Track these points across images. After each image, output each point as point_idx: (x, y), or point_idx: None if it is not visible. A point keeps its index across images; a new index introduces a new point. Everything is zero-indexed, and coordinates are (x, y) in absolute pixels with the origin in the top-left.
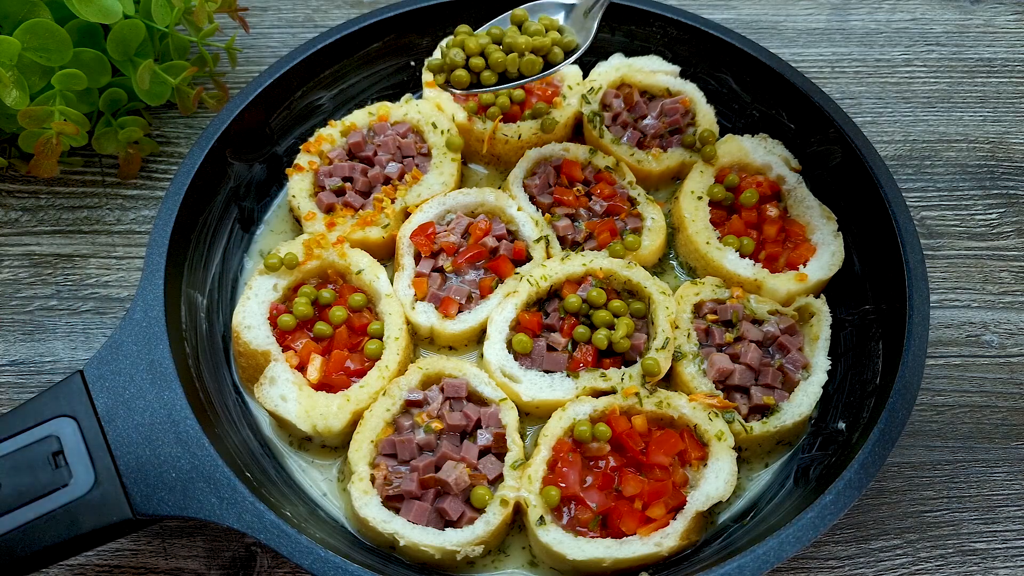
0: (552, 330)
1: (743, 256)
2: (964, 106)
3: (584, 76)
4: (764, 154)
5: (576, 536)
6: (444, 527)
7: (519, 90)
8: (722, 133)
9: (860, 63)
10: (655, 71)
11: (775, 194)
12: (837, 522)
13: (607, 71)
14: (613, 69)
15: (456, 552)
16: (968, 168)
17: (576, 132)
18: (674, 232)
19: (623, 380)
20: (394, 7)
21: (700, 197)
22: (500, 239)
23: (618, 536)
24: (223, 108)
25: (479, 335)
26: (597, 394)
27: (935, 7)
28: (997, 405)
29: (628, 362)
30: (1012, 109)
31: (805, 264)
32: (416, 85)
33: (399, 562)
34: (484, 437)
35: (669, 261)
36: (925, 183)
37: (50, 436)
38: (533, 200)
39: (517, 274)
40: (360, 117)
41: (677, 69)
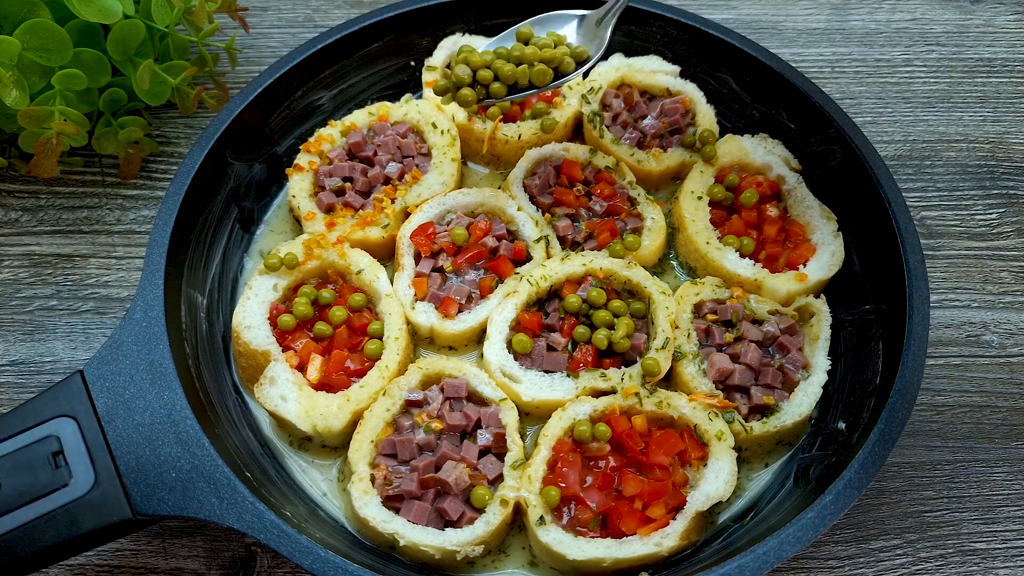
0: (552, 330)
1: (743, 256)
2: (964, 106)
3: (584, 76)
4: (764, 154)
5: (576, 536)
6: (444, 527)
7: None
8: (722, 133)
9: (860, 63)
10: (655, 71)
11: (775, 194)
12: (837, 522)
13: (607, 71)
14: (613, 69)
15: (456, 552)
16: (968, 168)
17: (576, 132)
18: (674, 232)
19: (623, 380)
20: (394, 7)
21: (700, 197)
22: (500, 239)
23: (618, 536)
24: (223, 108)
25: (479, 335)
26: (597, 394)
27: (935, 7)
28: (997, 405)
29: (628, 362)
30: (1012, 109)
31: (805, 264)
32: (416, 85)
33: (399, 562)
34: (484, 437)
35: (669, 261)
36: (925, 183)
37: (50, 436)
38: (533, 200)
39: (517, 274)
40: (360, 117)
41: (677, 69)
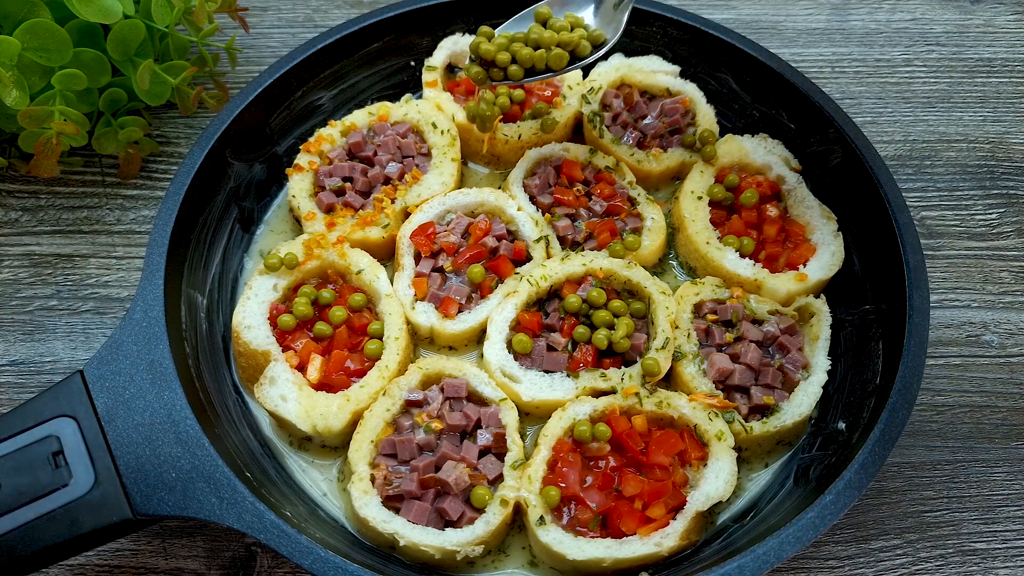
0: (552, 330)
1: (743, 256)
2: (964, 106)
3: (584, 76)
4: (764, 154)
5: (576, 536)
6: (444, 527)
7: (519, 90)
8: (722, 133)
9: (860, 63)
10: (655, 71)
11: (775, 194)
12: (837, 522)
13: (607, 71)
14: (613, 69)
15: (456, 552)
16: (968, 168)
17: (576, 132)
18: (674, 232)
19: (623, 380)
20: (394, 7)
21: (700, 197)
22: (500, 239)
23: (618, 536)
24: (223, 108)
25: (479, 335)
26: (597, 394)
27: (935, 7)
28: (997, 405)
29: (628, 362)
30: (1012, 109)
31: (805, 264)
32: (416, 85)
33: (399, 562)
34: (484, 437)
35: (669, 261)
36: (925, 183)
37: (50, 436)
38: (533, 200)
39: (517, 274)
40: (360, 117)
41: (677, 69)
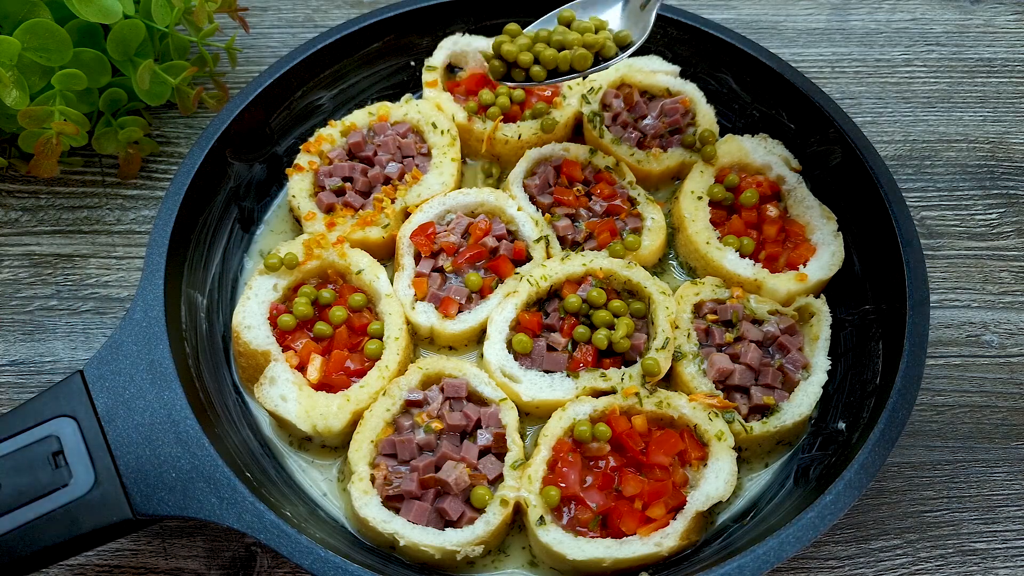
0: (552, 330)
1: (743, 256)
2: (964, 106)
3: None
4: (764, 154)
5: (576, 536)
6: (444, 527)
7: (519, 90)
8: (722, 133)
9: (860, 63)
10: (655, 71)
11: (775, 194)
12: (837, 522)
13: (607, 71)
14: (613, 69)
15: (456, 552)
16: (968, 168)
17: (576, 132)
18: (674, 232)
19: (623, 380)
20: (394, 7)
21: (700, 197)
22: (500, 239)
23: (618, 536)
24: (223, 108)
25: (479, 335)
26: (597, 394)
27: (935, 7)
28: (997, 405)
29: (628, 362)
30: (1012, 109)
31: (805, 264)
32: (416, 85)
33: (399, 562)
34: (484, 437)
35: (669, 261)
36: (925, 183)
37: (50, 436)
38: (533, 200)
39: (517, 274)
40: (360, 117)
41: (677, 69)
